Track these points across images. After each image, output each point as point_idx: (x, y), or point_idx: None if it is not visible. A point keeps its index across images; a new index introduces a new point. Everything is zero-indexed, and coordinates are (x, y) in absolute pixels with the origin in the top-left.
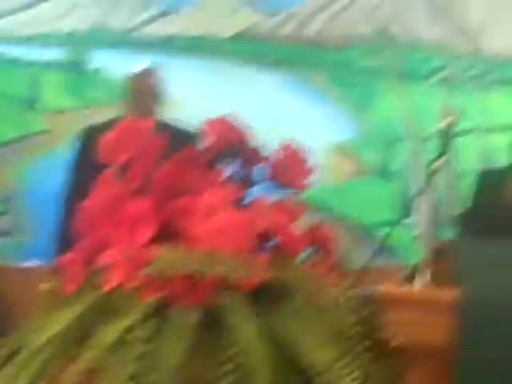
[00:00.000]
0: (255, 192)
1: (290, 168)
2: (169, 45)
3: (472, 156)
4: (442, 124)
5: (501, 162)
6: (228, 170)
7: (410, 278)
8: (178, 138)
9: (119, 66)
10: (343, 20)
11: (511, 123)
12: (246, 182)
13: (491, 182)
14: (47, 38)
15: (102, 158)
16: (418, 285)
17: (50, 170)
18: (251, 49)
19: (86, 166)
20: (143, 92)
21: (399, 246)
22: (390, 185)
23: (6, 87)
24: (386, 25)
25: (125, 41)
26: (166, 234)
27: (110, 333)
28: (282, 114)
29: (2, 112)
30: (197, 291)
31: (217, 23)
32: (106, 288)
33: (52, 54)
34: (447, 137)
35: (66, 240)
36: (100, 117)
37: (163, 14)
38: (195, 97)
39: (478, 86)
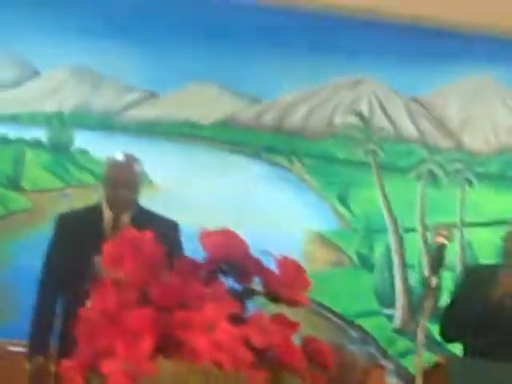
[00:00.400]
0: (254, 305)
1: (288, 282)
2: (150, 129)
3: (453, 250)
4: (436, 242)
5: (481, 257)
6: (227, 282)
7: None
8: (156, 227)
9: (101, 147)
10: (325, 110)
11: (492, 219)
12: (246, 295)
13: (476, 278)
14: (31, 117)
15: (104, 266)
16: None
17: (31, 248)
18: (232, 136)
19: (59, 253)
20: (122, 181)
21: (380, 337)
22: (370, 275)
23: None
24: (368, 117)
25: (107, 123)
26: (166, 346)
27: None
28: (262, 202)
29: None
30: None
31: (198, 109)
32: None
33: (36, 133)
34: (440, 255)
35: (41, 324)
36: (82, 197)
37: (145, 98)
38: (175, 182)
39: (458, 180)
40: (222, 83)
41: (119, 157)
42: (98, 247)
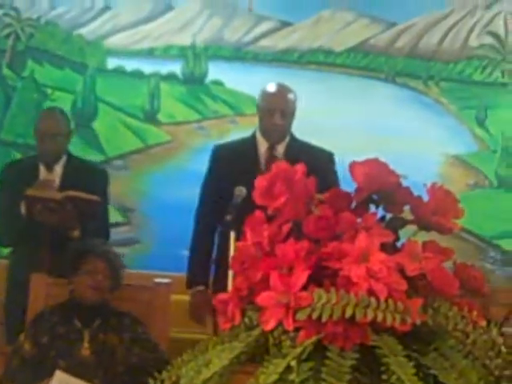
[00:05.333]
0: (405, 233)
1: (440, 209)
2: (284, 58)
3: None
4: None
5: None
6: (378, 211)
7: None
8: (311, 157)
9: (235, 78)
10: (460, 33)
11: None
12: (397, 224)
13: None
14: (165, 51)
15: (256, 200)
16: None
17: (169, 180)
18: (366, 62)
19: (215, 184)
20: (277, 110)
21: None
22: (509, 196)
23: (126, 100)
24: (504, 38)
25: (240, 54)
26: (319, 277)
27: (269, 373)
28: (398, 126)
29: (123, 124)
30: (351, 334)
31: (332, 36)
32: (264, 329)
33: (170, 66)
34: None
35: (200, 254)
36: (218, 128)
37: (276, 30)
38: (310, 110)
39: None
40: (355, 9)
41: (273, 87)
42: (253, 178)
